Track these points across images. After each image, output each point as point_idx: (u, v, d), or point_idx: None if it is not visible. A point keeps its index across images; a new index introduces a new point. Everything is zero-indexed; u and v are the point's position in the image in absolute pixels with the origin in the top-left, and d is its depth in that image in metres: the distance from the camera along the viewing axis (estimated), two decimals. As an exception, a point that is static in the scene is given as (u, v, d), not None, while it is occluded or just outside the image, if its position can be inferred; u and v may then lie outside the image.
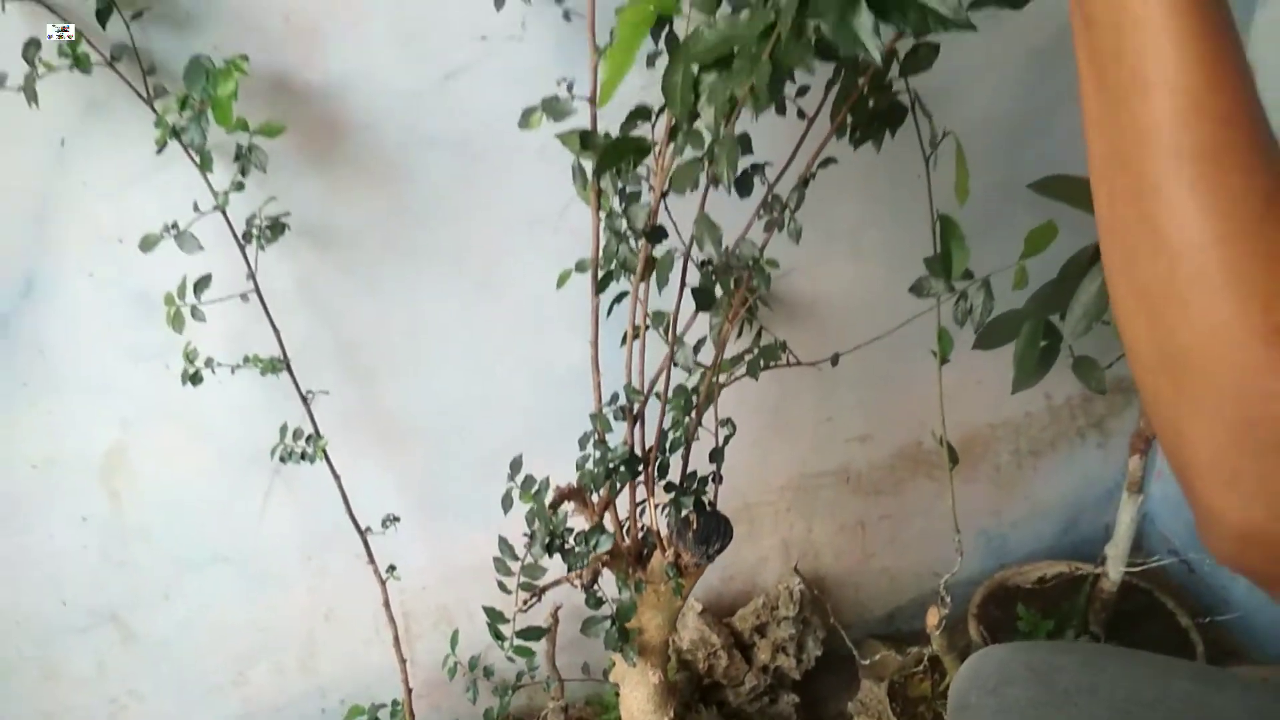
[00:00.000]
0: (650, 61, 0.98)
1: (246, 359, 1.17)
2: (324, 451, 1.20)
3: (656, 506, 1.20)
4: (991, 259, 1.18)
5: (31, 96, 0.97)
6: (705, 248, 0.96)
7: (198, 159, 1.03)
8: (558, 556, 1.09)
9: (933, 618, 1.48)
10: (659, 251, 1.02)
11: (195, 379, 1.14)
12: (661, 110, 0.95)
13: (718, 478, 1.23)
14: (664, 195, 0.97)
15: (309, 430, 1.21)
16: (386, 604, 1.33)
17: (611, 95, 0.83)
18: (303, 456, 1.20)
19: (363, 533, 1.27)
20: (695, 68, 0.79)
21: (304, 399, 1.20)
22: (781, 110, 1.07)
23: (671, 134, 0.94)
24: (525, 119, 1.03)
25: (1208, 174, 0.46)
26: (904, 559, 1.81)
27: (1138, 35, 0.47)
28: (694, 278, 1.04)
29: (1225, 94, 0.46)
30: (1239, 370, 0.45)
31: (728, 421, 1.23)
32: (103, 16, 0.98)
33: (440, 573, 1.49)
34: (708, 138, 0.86)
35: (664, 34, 0.89)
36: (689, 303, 1.04)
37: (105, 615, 1.36)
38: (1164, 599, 1.72)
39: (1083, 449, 1.80)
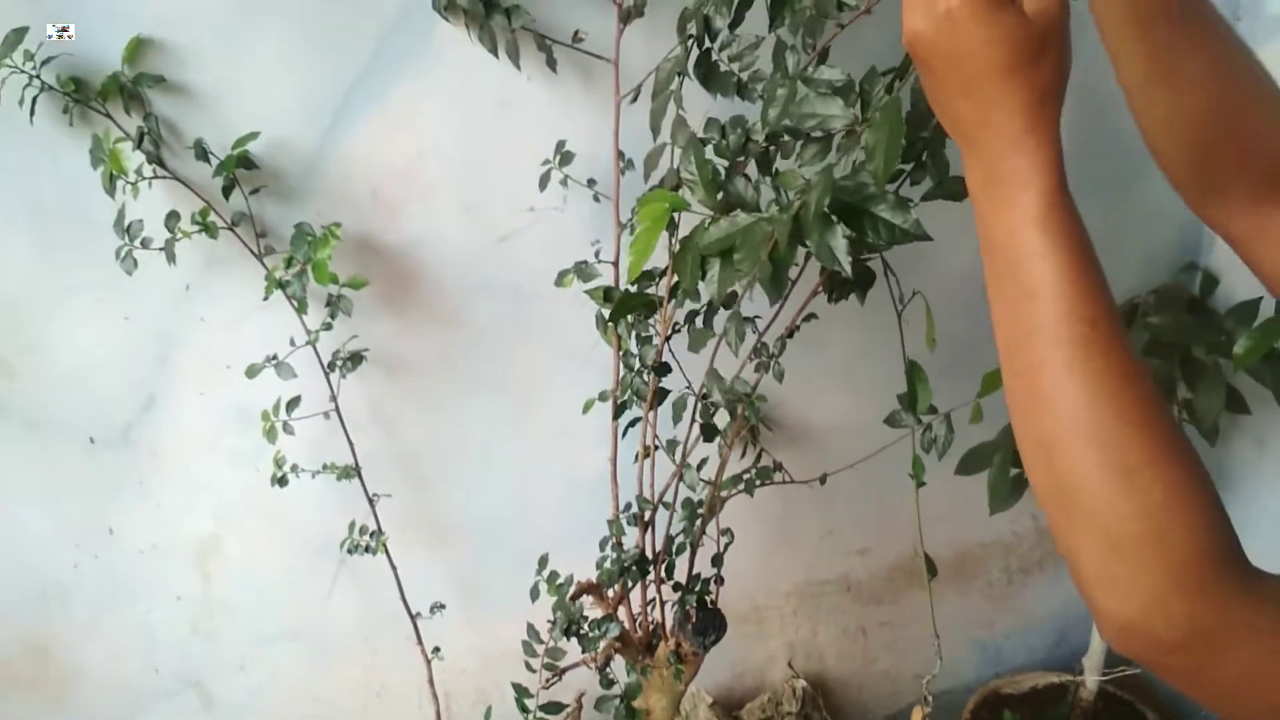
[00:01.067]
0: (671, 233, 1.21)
1: (325, 466, 1.39)
2: (385, 545, 1.42)
3: (664, 603, 1.39)
4: (957, 396, 1.38)
5: (171, 257, 1.24)
6: (713, 394, 1.19)
7: (296, 305, 1.28)
8: (578, 643, 1.29)
9: (916, 716, 1.64)
10: (669, 385, 1.24)
11: (283, 482, 1.37)
12: (665, 271, 1.18)
13: (719, 580, 1.42)
14: (667, 339, 1.20)
15: (373, 527, 1.43)
16: (431, 682, 1.52)
17: (638, 274, 1.06)
18: (366, 549, 1.42)
19: (413, 617, 1.47)
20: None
21: (370, 500, 1.42)
22: (771, 273, 1.29)
23: (672, 293, 1.17)
24: (560, 279, 1.28)
25: (1080, 357, 0.63)
26: (904, 664, 1.97)
27: (1028, 261, 0.64)
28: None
29: (1091, 301, 0.63)
30: (1104, 503, 0.61)
31: (728, 531, 1.43)
32: (227, 192, 1.25)
33: (479, 658, 1.69)
34: (705, 297, 1.08)
35: (678, 223, 1.12)
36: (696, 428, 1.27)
37: (190, 682, 1.57)
38: (1144, 709, 1.85)
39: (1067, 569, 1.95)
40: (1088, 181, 1.57)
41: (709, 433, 1.24)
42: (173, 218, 1.24)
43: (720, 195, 1.01)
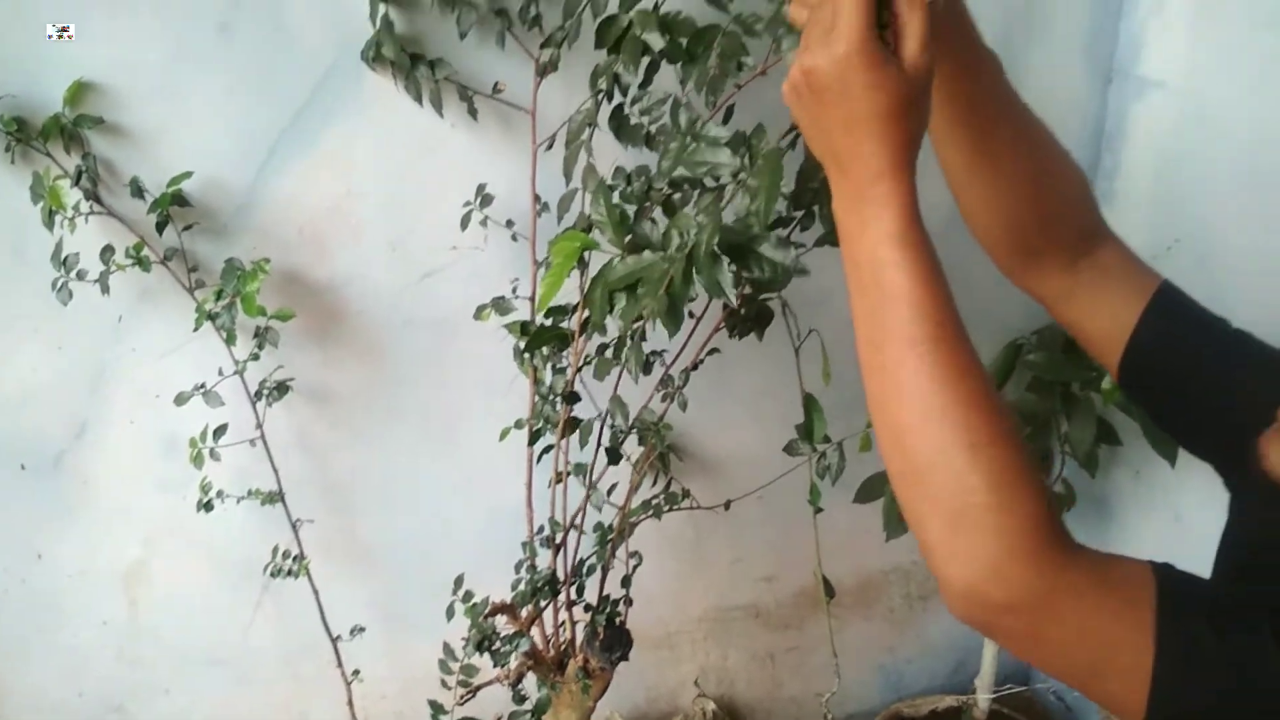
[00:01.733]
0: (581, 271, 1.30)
1: (250, 492, 1.45)
2: (306, 569, 1.47)
3: (575, 623, 1.47)
4: (852, 427, 1.48)
5: (105, 289, 1.30)
6: (617, 420, 1.28)
7: (225, 336, 1.34)
8: (491, 659, 1.36)
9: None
10: (584, 414, 1.32)
11: (208, 507, 1.43)
12: (577, 306, 1.27)
13: (628, 600, 1.50)
14: (579, 370, 1.29)
15: (295, 552, 1.49)
16: (350, 704, 1.57)
17: (548, 305, 1.15)
18: (289, 573, 1.47)
19: (334, 640, 1.53)
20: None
21: (293, 526, 1.48)
22: (677, 310, 1.39)
23: (583, 327, 1.26)
24: (478, 313, 1.36)
25: (930, 351, 0.73)
26: (810, 689, 2.05)
27: (889, 270, 0.75)
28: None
29: (940, 306, 0.74)
30: (950, 477, 0.71)
31: (636, 554, 1.52)
32: (160, 228, 1.32)
33: (399, 682, 1.74)
34: (613, 332, 1.17)
35: (588, 260, 1.21)
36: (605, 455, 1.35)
37: (114, 706, 1.61)
38: (1032, 727, 1.96)
39: (966, 594, 2.06)
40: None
41: (613, 456, 1.33)
42: (107, 251, 1.31)
43: (628, 236, 1.11)
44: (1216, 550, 0.97)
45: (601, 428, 1.35)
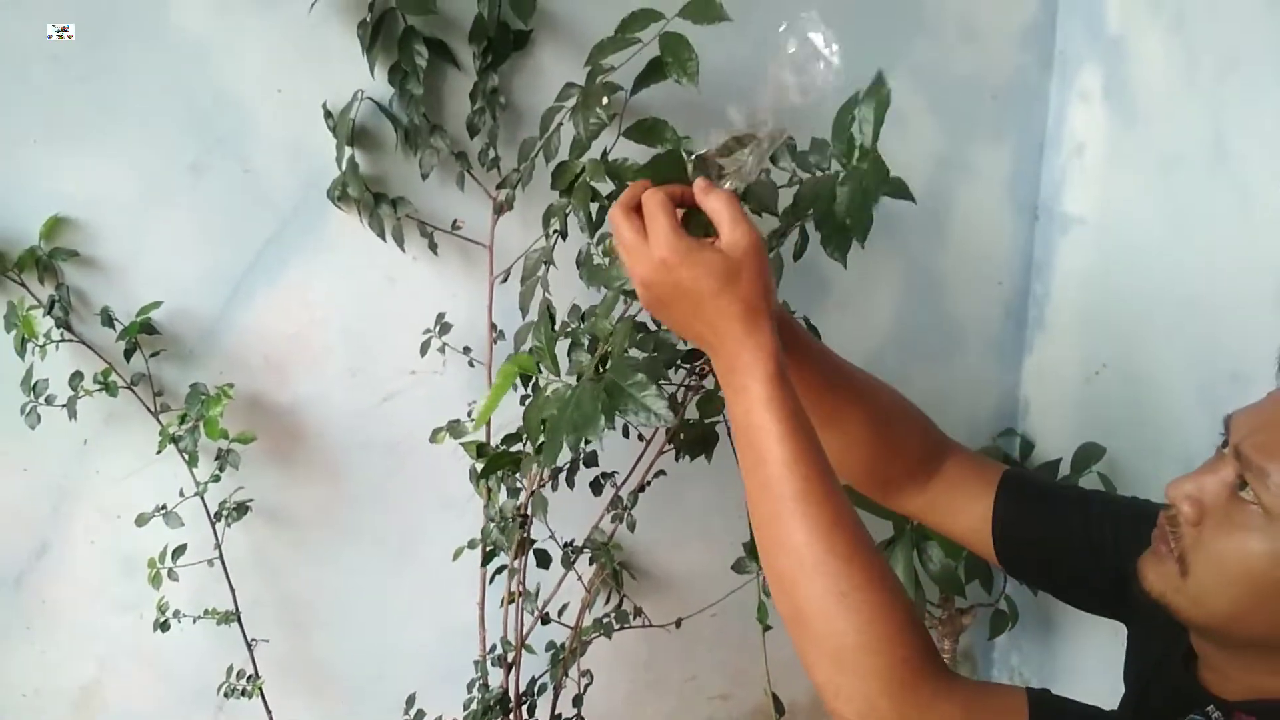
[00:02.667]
0: (522, 401, 1.36)
1: (206, 611, 1.47)
2: (260, 690, 1.49)
3: (527, 742, 1.49)
4: (796, 547, 1.53)
5: (72, 414, 1.34)
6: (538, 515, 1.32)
7: (187, 458, 1.38)
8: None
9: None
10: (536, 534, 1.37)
11: (165, 627, 1.45)
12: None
13: (580, 719, 1.52)
14: (532, 493, 1.34)
15: (250, 672, 1.50)
16: (302, 828, 1.57)
17: (484, 422, 1.21)
18: (243, 693, 1.48)
19: (287, 763, 1.53)
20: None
21: (249, 645, 1.50)
22: (626, 434, 1.45)
23: (536, 451, 1.31)
24: (434, 435, 1.41)
25: (799, 506, 0.80)
26: (767, 808, 2.05)
27: (758, 433, 0.82)
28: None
29: (806, 462, 0.81)
30: (825, 623, 0.77)
31: (588, 673, 1.54)
32: (128, 355, 1.37)
33: (352, 805, 1.74)
34: (565, 456, 1.22)
35: (531, 385, 1.28)
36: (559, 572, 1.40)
37: (62, 830, 1.59)
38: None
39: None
40: (918, 355, 1.81)
41: (542, 559, 1.37)
42: (76, 377, 1.36)
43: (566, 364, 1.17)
44: (1124, 668, 1.04)
45: (529, 548, 1.40)
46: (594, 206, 1.28)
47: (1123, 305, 1.69)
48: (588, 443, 1.06)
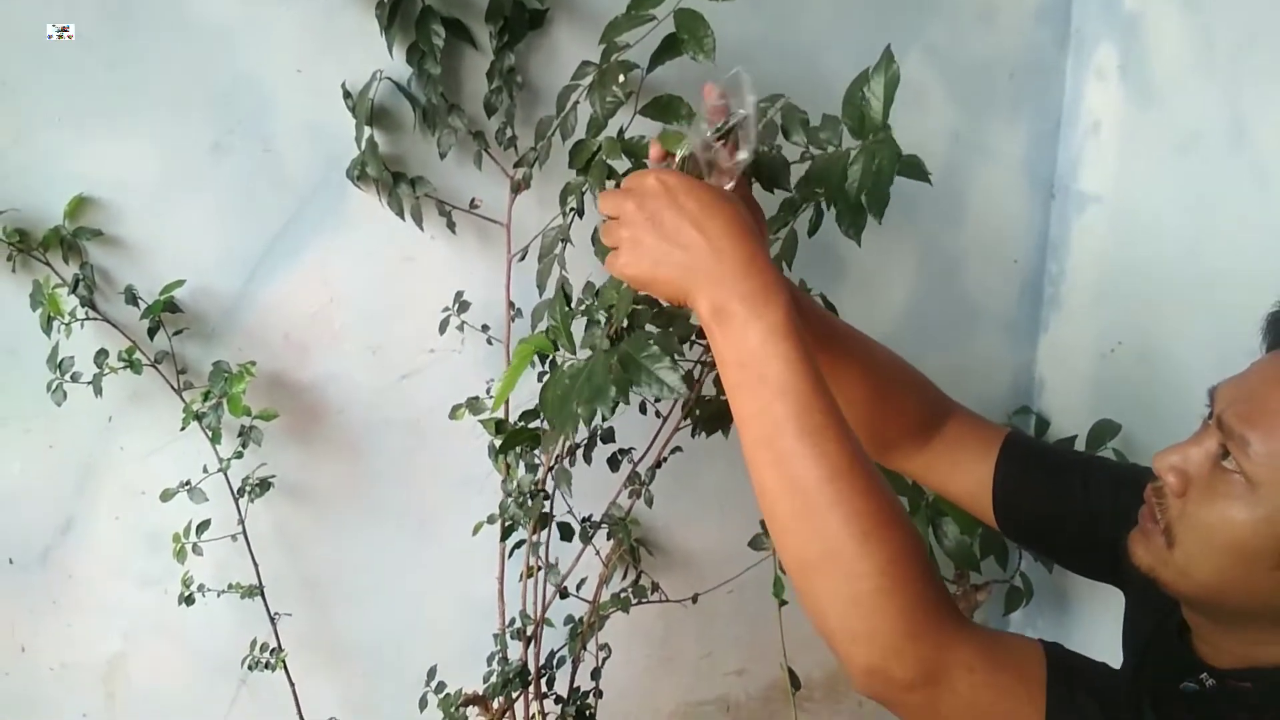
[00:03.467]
0: (540, 379, 1.37)
1: (230, 586, 1.49)
2: (284, 662, 1.51)
3: (546, 715, 1.50)
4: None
5: (98, 390, 1.36)
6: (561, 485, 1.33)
7: (210, 435, 1.40)
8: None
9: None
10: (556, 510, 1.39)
11: (189, 601, 1.47)
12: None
13: (598, 692, 1.54)
14: (550, 469, 1.35)
15: (273, 645, 1.52)
16: (325, 799, 1.60)
17: (502, 403, 1.22)
18: (266, 666, 1.51)
19: (310, 733, 1.56)
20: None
21: (272, 619, 1.52)
22: (643, 411, 1.47)
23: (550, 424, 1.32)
24: (453, 412, 1.43)
25: (818, 442, 0.78)
26: (781, 783, 2.07)
27: (776, 364, 0.79)
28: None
29: (825, 398, 0.80)
30: (845, 564, 0.76)
31: (605, 646, 1.56)
32: (152, 333, 1.39)
33: (374, 777, 1.76)
34: (583, 433, 1.24)
35: (549, 363, 1.29)
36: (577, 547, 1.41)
37: (89, 801, 1.62)
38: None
39: (932, 687, 2.10)
40: (934, 334, 1.81)
41: (564, 532, 1.39)
42: (101, 355, 1.38)
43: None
44: (1122, 638, 1.06)
45: (549, 522, 1.41)
46: (610, 184, 1.29)
47: (1138, 283, 1.70)
48: (604, 418, 1.08)
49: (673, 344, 1.13)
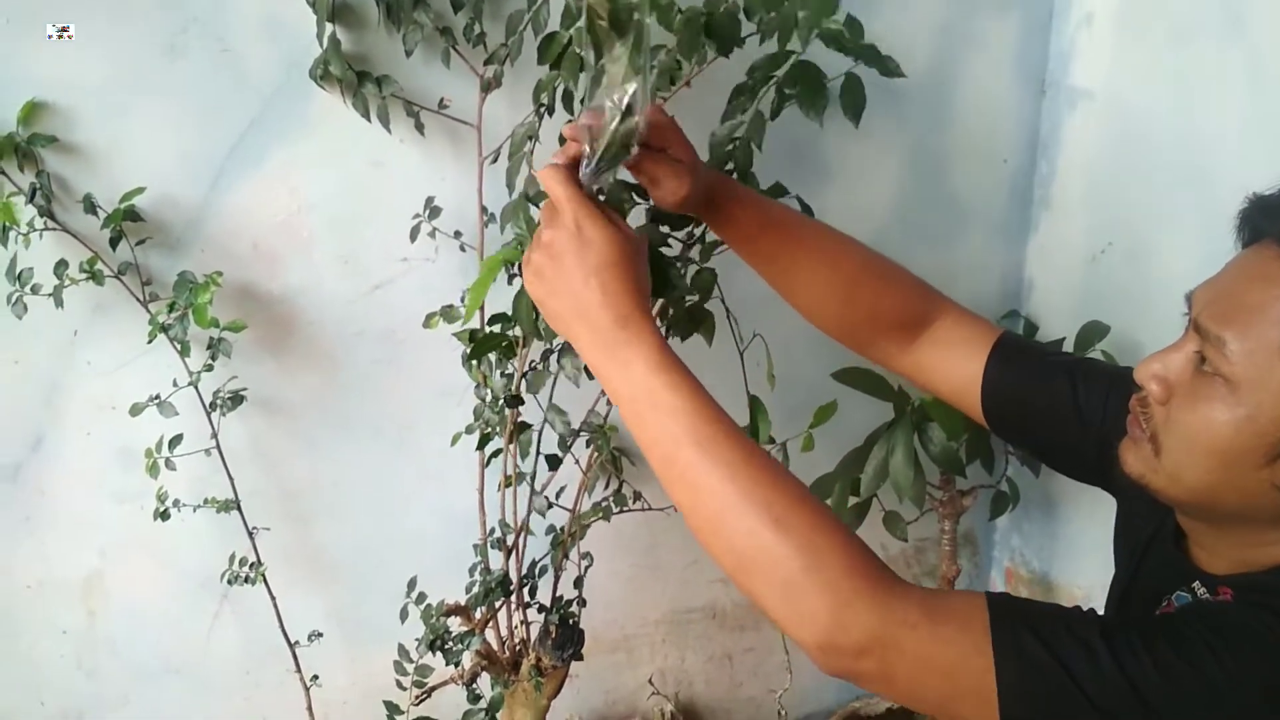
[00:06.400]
0: (510, 280, 1.34)
1: (206, 500, 1.47)
2: (264, 576, 1.50)
3: (529, 624, 1.50)
4: (797, 428, 1.52)
5: (59, 302, 1.33)
6: (556, 427, 1.32)
7: (179, 348, 1.37)
8: (444, 658, 1.39)
9: (774, 729, 1.76)
10: (533, 419, 1.36)
11: (164, 516, 1.45)
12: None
13: (581, 601, 1.53)
14: (524, 375, 1.32)
15: (252, 559, 1.51)
16: (310, 710, 1.59)
17: (472, 316, 1.19)
18: (246, 580, 1.49)
19: (292, 645, 1.55)
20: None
21: (250, 534, 1.50)
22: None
23: (524, 337, 1.29)
24: (427, 321, 1.40)
25: (711, 449, 0.80)
26: (768, 688, 2.08)
27: (662, 392, 0.82)
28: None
29: (710, 408, 0.82)
30: (767, 553, 0.77)
31: (588, 555, 1.55)
32: (114, 243, 1.35)
33: (359, 689, 1.76)
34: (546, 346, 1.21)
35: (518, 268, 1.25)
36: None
37: (74, 716, 1.62)
38: None
39: (919, 593, 2.11)
40: (921, 237, 1.77)
41: (552, 462, 1.37)
42: (61, 266, 1.33)
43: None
44: (1113, 545, 1.05)
45: (540, 435, 1.38)
46: (584, 78, 1.24)
47: (1129, 182, 1.65)
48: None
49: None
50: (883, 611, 0.75)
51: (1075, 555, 1.94)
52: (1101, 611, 1.01)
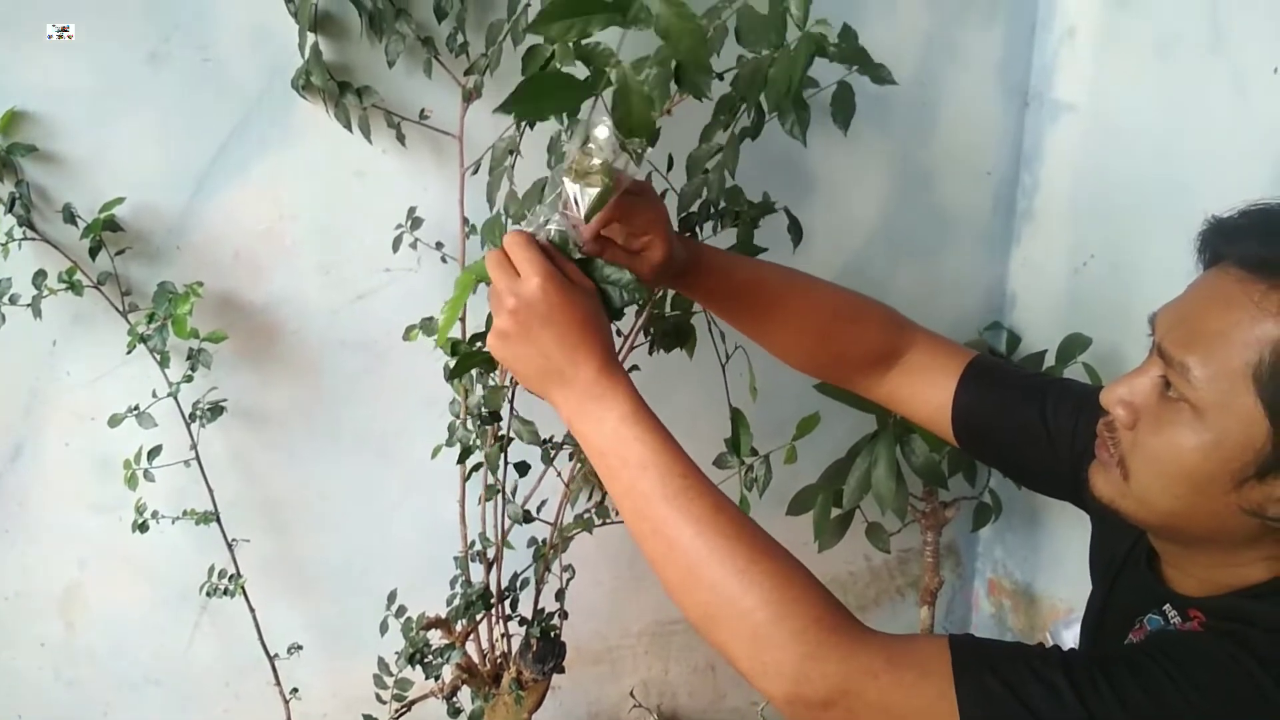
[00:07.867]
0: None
1: (185, 512, 1.46)
2: (243, 588, 1.49)
3: (510, 637, 1.49)
4: (779, 440, 1.52)
5: (37, 313, 1.32)
6: (524, 438, 1.31)
7: (158, 358, 1.36)
8: (424, 672, 1.38)
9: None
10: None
11: (143, 528, 1.44)
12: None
13: (563, 614, 1.53)
14: (502, 390, 1.32)
15: (232, 571, 1.50)
16: (290, 721, 1.59)
17: (445, 337, 1.17)
18: (225, 592, 1.48)
19: (271, 658, 1.54)
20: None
21: (229, 545, 1.49)
22: (604, 329, 1.43)
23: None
24: (406, 333, 1.39)
25: (682, 503, 0.81)
26: (751, 699, 2.08)
27: (633, 445, 0.83)
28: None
29: (680, 463, 0.83)
30: (733, 604, 0.77)
31: (569, 567, 1.54)
32: (93, 253, 1.34)
33: (338, 701, 1.75)
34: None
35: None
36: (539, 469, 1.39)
37: (53, 728, 1.61)
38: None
39: (902, 605, 2.11)
40: (905, 249, 1.78)
41: (521, 469, 1.36)
42: (40, 276, 1.33)
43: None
44: (1089, 564, 1.05)
45: (506, 446, 1.38)
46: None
47: (1113, 194, 1.66)
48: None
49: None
50: (846, 662, 0.75)
51: (1057, 566, 1.95)
52: (1080, 627, 1.02)
